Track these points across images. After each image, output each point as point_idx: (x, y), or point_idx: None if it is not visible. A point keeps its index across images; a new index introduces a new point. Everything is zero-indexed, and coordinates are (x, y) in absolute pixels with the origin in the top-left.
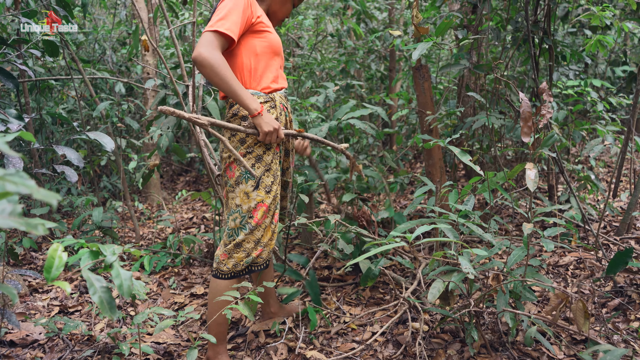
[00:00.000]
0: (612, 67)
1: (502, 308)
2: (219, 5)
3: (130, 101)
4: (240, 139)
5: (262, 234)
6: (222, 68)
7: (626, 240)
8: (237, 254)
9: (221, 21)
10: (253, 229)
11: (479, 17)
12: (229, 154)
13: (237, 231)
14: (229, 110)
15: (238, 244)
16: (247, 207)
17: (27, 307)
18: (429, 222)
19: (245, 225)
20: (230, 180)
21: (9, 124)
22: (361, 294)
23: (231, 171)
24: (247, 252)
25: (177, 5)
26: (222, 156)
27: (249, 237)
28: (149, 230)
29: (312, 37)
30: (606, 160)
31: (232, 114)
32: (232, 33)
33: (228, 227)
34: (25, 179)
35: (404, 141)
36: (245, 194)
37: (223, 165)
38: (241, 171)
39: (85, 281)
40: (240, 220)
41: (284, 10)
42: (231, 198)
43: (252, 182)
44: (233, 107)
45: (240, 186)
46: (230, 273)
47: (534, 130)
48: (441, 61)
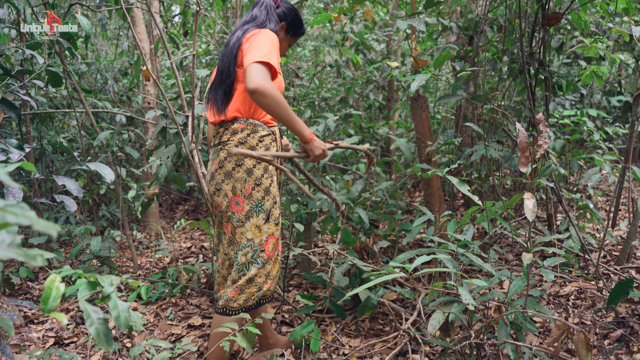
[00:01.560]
0: (607, 97)
1: (503, 340)
2: (254, 38)
3: (130, 130)
4: (247, 170)
5: (272, 266)
6: (281, 98)
7: (627, 269)
8: (249, 289)
9: (269, 55)
10: (265, 263)
11: (475, 48)
12: (232, 187)
13: (249, 266)
14: (230, 137)
15: (250, 279)
16: (259, 240)
17: (21, 339)
18: (428, 252)
19: (257, 259)
20: (238, 215)
21: (9, 153)
22: (360, 325)
23: (239, 206)
24: (258, 286)
25: (178, 37)
26: (222, 189)
27: (261, 271)
28: (147, 259)
29: (312, 67)
30: (604, 189)
31: (238, 141)
32: (278, 68)
33: (237, 263)
34: (26, 210)
35: (403, 170)
36: (257, 227)
37: (224, 199)
38: (252, 205)
39: (81, 311)
40: (252, 254)
41: (281, 49)
42: (240, 233)
43: (263, 215)
44: (238, 135)
45: (251, 220)
46: (241, 309)
47: (532, 160)
48: (439, 91)
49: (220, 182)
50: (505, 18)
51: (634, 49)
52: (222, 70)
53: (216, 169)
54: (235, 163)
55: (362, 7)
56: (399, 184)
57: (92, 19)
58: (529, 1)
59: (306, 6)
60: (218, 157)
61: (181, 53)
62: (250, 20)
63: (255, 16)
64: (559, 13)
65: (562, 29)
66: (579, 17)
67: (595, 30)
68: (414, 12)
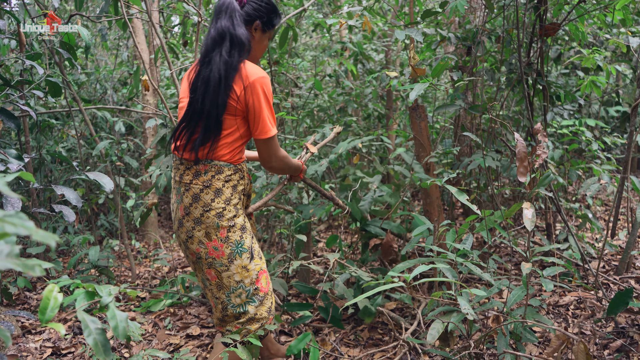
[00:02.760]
0: (605, 107)
1: (503, 350)
2: (252, 103)
3: (129, 140)
4: (217, 214)
5: (270, 300)
6: (290, 161)
7: (626, 279)
8: (252, 325)
9: (271, 120)
10: (262, 299)
11: (473, 58)
12: (205, 232)
13: (245, 306)
14: (192, 179)
15: (251, 319)
16: (249, 280)
17: (19, 349)
18: (427, 261)
19: (252, 298)
20: (220, 260)
21: (8, 164)
22: (360, 335)
23: (218, 251)
24: (261, 323)
25: (177, 47)
26: (194, 236)
27: (260, 309)
28: (146, 269)
29: (310, 77)
30: (603, 198)
31: (202, 185)
32: (274, 121)
33: (232, 305)
34: (24, 221)
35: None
36: (244, 268)
37: (200, 246)
38: (232, 247)
39: (79, 322)
40: (246, 294)
41: (262, 48)
42: (227, 277)
43: (246, 255)
44: (201, 178)
45: (235, 262)
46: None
47: (530, 170)
48: (437, 101)
49: (191, 229)
50: (503, 29)
51: (632, 60)
52: (204, 114)
53: (183, 216)
54: (203, 209)
55: (361, 17)
56: (404, 194)
57: (91, 29)
58: (527, 12)
59: (305, 17)
60: (182, 203)
61: (181, 63)
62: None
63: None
64: (556, 24)
65: (560, 40)
66: (576, 28)
67: (593, 41)
68: (411, 22)
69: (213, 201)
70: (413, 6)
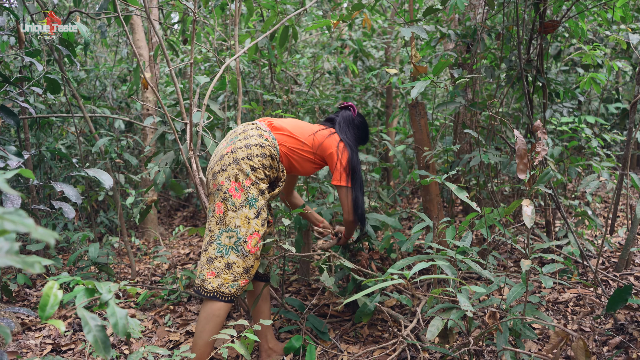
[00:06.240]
0: (605, 104)
1: (502, 346)
2: (331, 146)
3: (129, 137)
4: (251, 167)
5: (252, 264)
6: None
7: (625, 276)
8: (226, 275)
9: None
10: (245, 255)
11: (473, 55)
12: (236, 173)
13: (228, 250)
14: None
15: (228, 265)
16: (245, 230)
17: (19, 346)
18: (427, 258)
19: (238, 247)
20: (234, 199)
21: (8, 160)
22: (359, 332)
23: (237, 192)
24: (234, 276)
25: (177, 44)
26: (227, 170)
27: (240, 262)
28: (146, 266)
29: (310, 74)
30: (602, 195)
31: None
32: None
33: (219, 242)
34: (24, 218)
35: (401, 176)
36: (247, 219)
37: (227, 180)
38: (247, 197)
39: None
40: (236, 240)
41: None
42: (231, 216)
43: (254, 210)
44: (260, 139)
45: (243, 209)
46: (214, 292)
47: (530, 167)
48: (437, 98)
49: (227, 165)
50: (503, 26)
51: (632, 57)
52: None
53: (227, 153)
54: (247, 156)
55: (361, 14)
56: (397, 191)
57: (91, 26)
58: (527, 9)
59: (305, 14)
60: (234, 144)
61: (180, 60)
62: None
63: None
64: (556, 21)
65: (559, 37)
66: (576, 24)
67: (593, 37)
68: (412, 20)
69: (256, 157)
70: (413, 3)
